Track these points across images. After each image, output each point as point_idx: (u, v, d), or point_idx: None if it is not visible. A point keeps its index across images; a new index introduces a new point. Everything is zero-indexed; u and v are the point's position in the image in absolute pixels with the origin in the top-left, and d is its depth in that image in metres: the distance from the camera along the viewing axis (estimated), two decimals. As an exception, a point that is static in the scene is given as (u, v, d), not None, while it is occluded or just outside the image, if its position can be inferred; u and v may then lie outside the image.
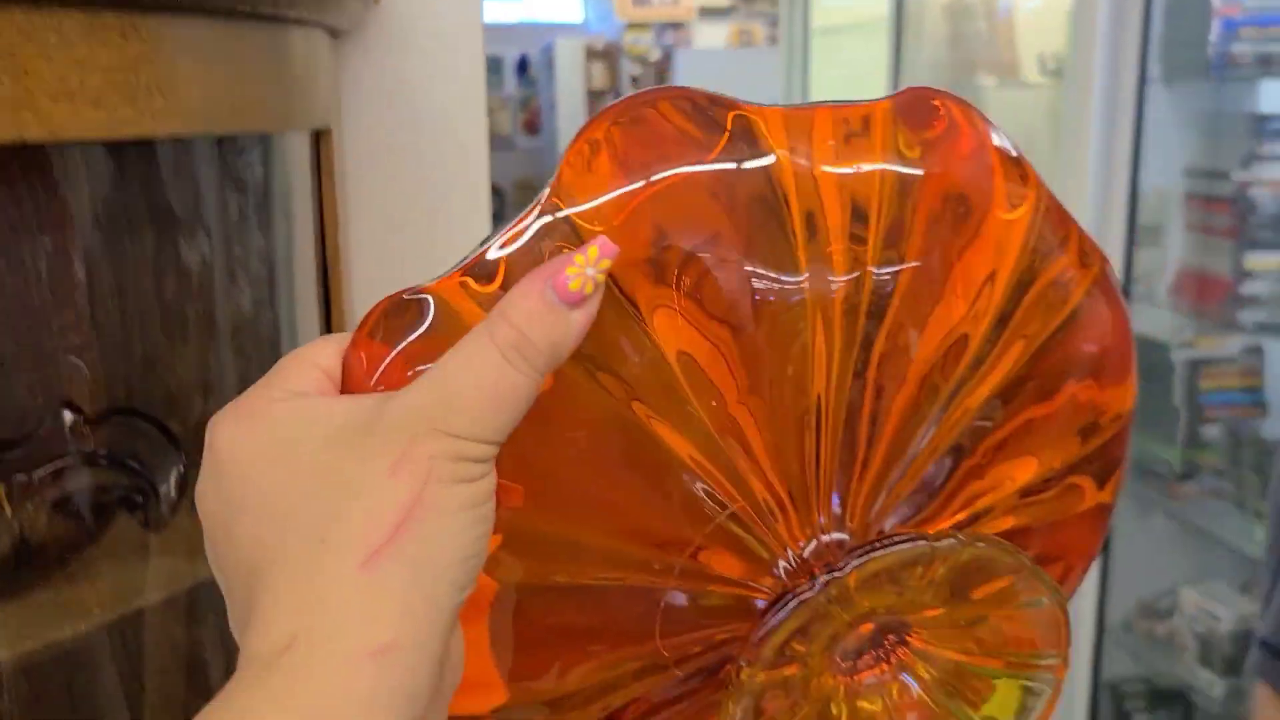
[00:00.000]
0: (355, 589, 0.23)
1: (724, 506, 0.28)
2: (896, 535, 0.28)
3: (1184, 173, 1.84)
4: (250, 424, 0.26)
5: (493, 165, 1.02)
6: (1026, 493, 0.32)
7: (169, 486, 0.65)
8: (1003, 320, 0.30)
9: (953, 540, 0.27)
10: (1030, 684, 0.29)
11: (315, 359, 0.28)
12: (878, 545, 0.27)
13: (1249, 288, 1.76)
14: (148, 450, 0.65)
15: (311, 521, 0.24)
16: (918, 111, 0.29)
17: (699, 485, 0.28)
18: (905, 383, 0.29)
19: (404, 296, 0.28)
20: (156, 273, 0.78)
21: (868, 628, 0.29)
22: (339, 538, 0.24)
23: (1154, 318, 1.88)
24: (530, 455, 0.27)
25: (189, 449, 0.73)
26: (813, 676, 0.29)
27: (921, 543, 0.27)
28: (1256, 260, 1.75)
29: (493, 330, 0.25)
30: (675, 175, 0.27)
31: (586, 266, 0.26)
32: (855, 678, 0.30)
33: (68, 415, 0.68)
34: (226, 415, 0.27)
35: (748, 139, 0.28)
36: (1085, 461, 0.32)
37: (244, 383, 0.94)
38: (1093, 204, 1.82)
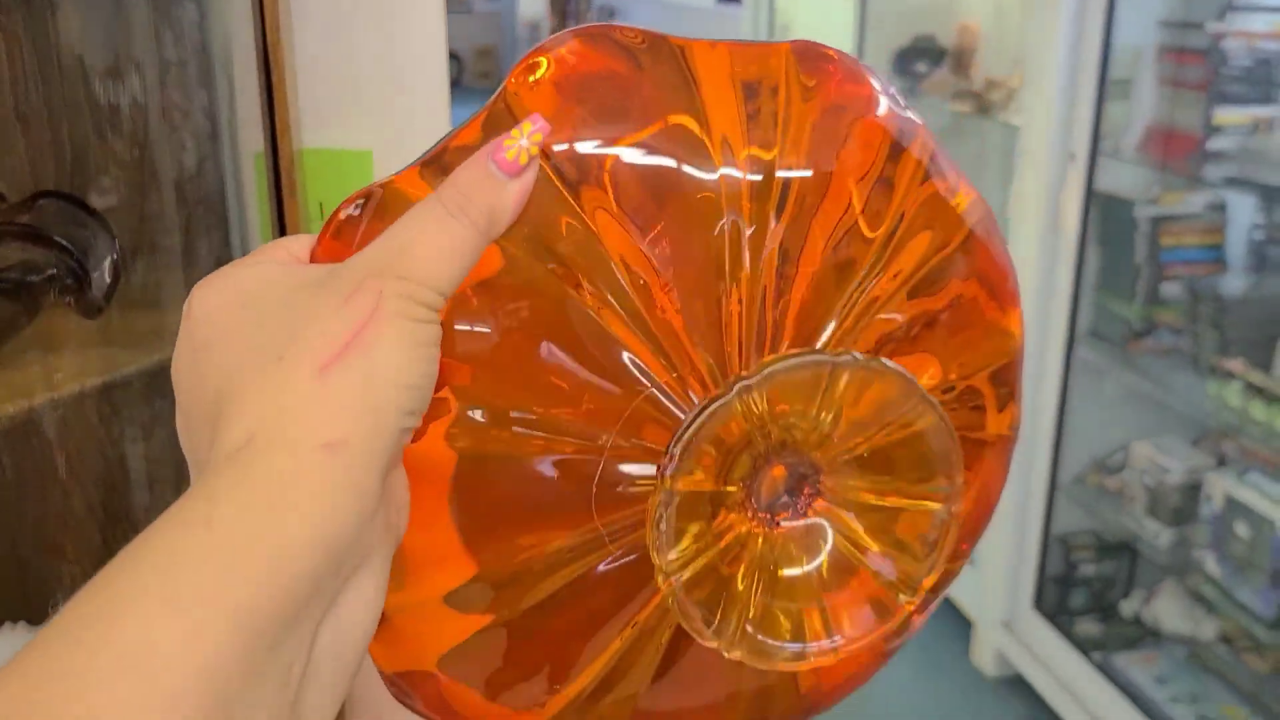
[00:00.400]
0: (308, 393, 0.26)
1: (651, 381, 0.30)
2: (798, 350, 0.31)
3: (1158, 25, 1.81)
4: (223, 284, 0.29)
5: (449, 29, 0.96)
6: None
7: (102, 273, 0.61)
8: (890, 237, 0.33)
9: (850, 356, 0.30)
10: (933, 512, 0.32)
11: (288, 247, 0.32)
12: (783, 357, 0.30)
13: (1216, 143, 1.74)
14: (78, 232, 0.61)
15: (272, 345, 0.27)
16: (812, 56, 0.34)
17: (630, 362, 0.30)
18: (799, 278, 0.32)
19: (370, 196, 0.31)
20: (81, 60, 0.73)
21: (779, 472, 0.31)
22: (294, 353, 0.26)
23: (1120, 173, 1.87)
24: (481, 335, 0.30)
25: (123, 241, 0.70)
26: (731, 512, 0.31)
27: (822, 355, 0.30)
28: (1225, 115, 1.73)
29: (440, 193, 0.29)
30: (615, 134, 0.31)
31: (521, 138, 0.29)
32: (775, 531, 0.32)
33: (-8, 201, 0.64)
34: (202, 283, 0.30)
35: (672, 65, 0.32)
36: (987, 381, 0.35)
37: (181, 178, 0.89)
38: (1064, 57, 1.79)
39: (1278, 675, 1.78)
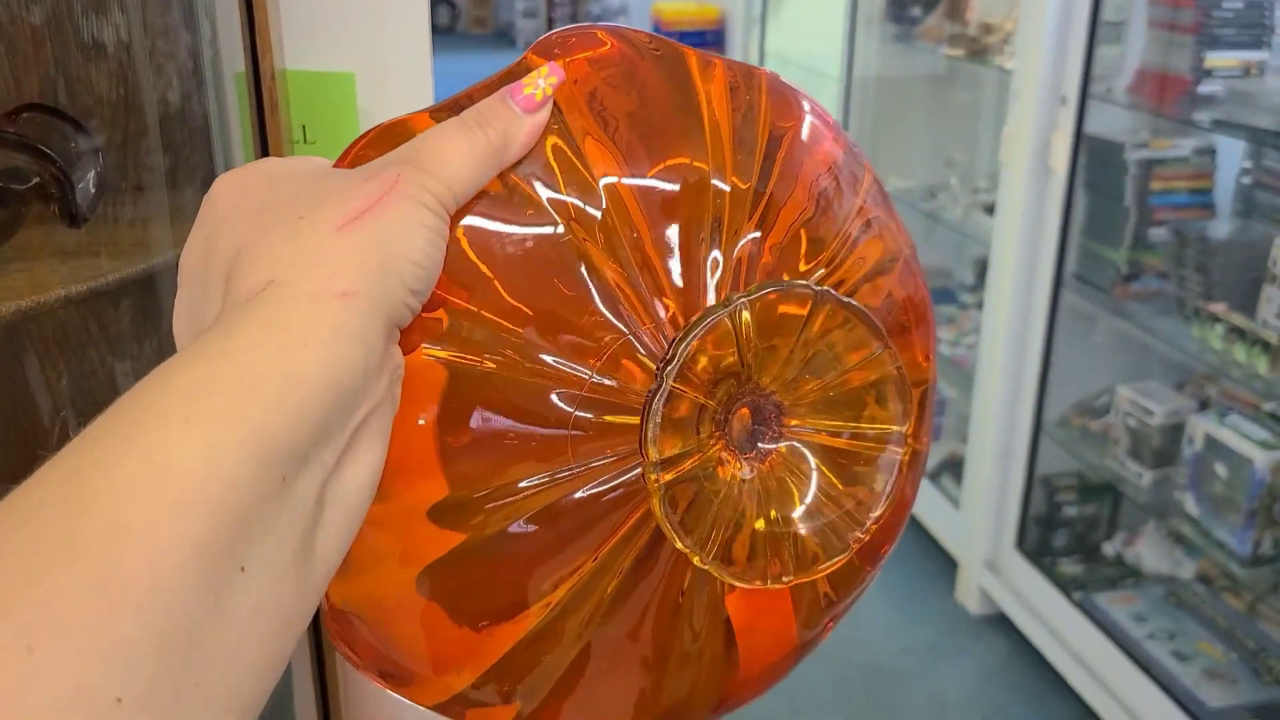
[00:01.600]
0: (327, 247, 0.28)
1: (632, 323, 0.32)
2: (789, 279, 0.34)
3: (1151, -34, 1.80)
4: (250, 168, 0.31)
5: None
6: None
7: (87, 183, 0.63)
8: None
9: (832, 292, 0.33)
10: (882, 456, 0.34)
11: (314, 159, 0.34)
12: (776, 281, 0.33)
13: (1207, 87, 1.75)
14: (62, 143, 0.62)
15: (295, 209, 0.29)
16: (783, 91, 0.37)
17: (615, 303, 0.32)
18: (763, 256, 0.35)
19: (384, 126, 0.34)
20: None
21: (746, 413, 0.33)
22: (315, 214, 0.28)
23: (1111, 117, 1.87)
24: (480, 263, 0.32)
25: (108, 157, 0.71)
26: (712, 433, 0.33)
27: (810, 285, 0.33)
28: (1216, 59, 1.73)
29: (462, 115, 0.32)
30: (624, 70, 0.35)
31: (539, 79, 0.33)
32: (744, 460, 0.34)
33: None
34: (226, 173, 0.32)
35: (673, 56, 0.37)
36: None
37: (166, 103, 0.90)
38: (1057, -1, 1.78)
39: (1252, 613, 1.81)
